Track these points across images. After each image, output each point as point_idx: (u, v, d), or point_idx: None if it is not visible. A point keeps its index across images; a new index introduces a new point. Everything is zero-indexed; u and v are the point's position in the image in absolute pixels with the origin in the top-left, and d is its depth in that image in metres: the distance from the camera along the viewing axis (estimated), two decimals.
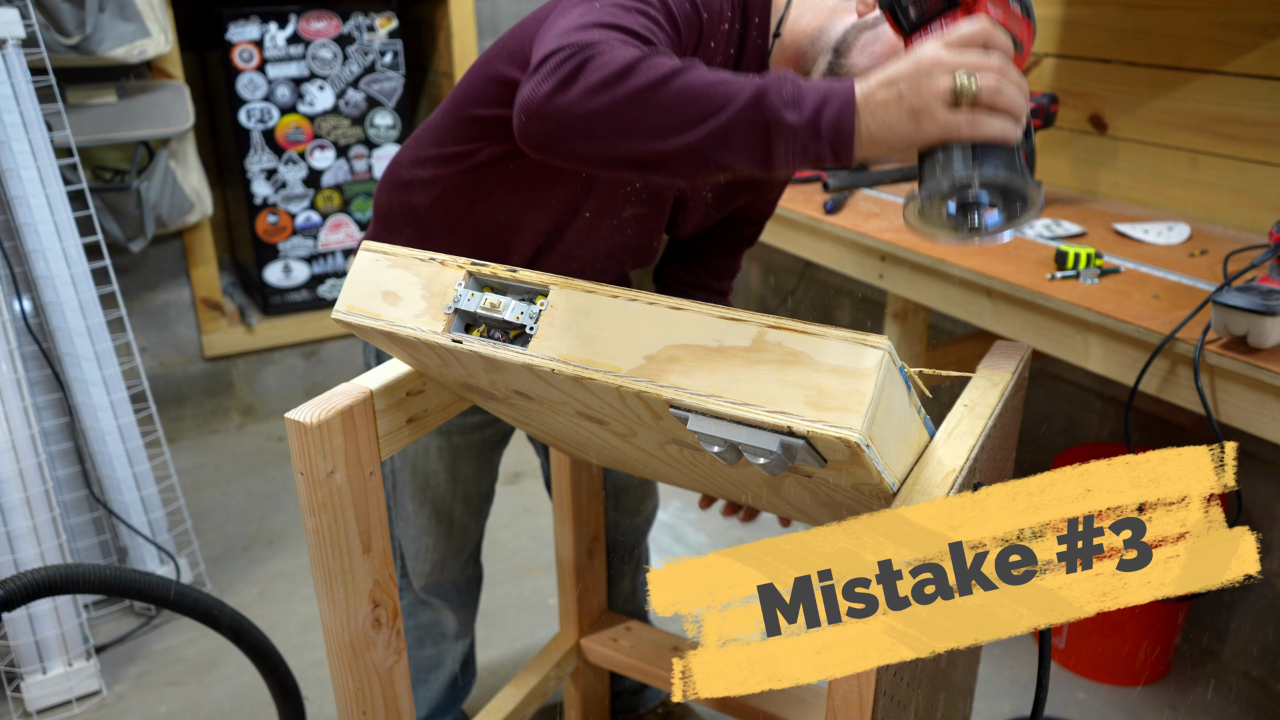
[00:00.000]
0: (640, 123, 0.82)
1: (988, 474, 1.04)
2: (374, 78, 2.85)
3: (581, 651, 1.59)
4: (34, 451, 1.79)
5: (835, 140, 0.79)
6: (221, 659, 2.02)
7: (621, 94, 0.81)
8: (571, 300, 0.84)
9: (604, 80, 0.82)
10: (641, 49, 0.85)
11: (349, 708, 1.10)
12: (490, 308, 0.86)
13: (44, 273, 1.93)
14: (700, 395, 0.76)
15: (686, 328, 0.78)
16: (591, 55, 0.83)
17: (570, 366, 0.81)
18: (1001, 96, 0.76)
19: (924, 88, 0.77)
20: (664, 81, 0.81)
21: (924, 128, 0.77)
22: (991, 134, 0.76)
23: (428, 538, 1.47)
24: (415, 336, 0.89)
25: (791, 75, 0.82)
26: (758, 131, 0.80)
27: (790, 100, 0.79)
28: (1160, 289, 1.53)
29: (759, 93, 0.80)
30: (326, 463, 0.97)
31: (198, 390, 2.92)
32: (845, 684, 0.75)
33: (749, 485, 1.09)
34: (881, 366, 0.72)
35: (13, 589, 1.29)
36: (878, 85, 0.79)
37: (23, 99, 1.86)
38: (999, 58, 0.77)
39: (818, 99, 0.79)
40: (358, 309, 0.93)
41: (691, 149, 0.81)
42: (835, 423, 0.71)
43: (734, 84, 0.81)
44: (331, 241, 2.94)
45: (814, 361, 0.73)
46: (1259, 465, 1.88)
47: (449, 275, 0.90)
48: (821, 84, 0.81)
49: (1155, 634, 1.91)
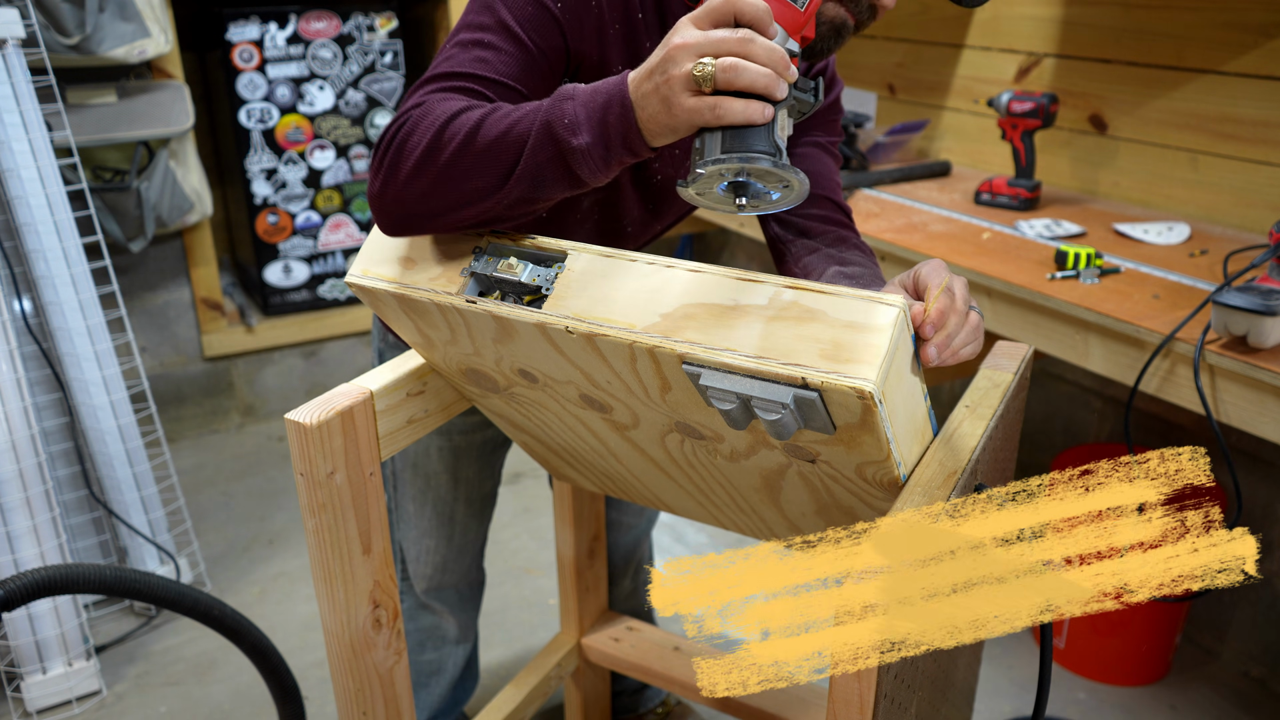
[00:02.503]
0: (464, 190, 0.85)
1: (989, 475, 1.04)
2: (374, 78, 2.85)
3: (582, 651, 1.59)
4: (34, 451, 1.79)
5: (625, 144, 0.80)
6: (221, 659, 2.02)
7: (438, 170, 0.85)
8: (589, 264, 0.84)
9: (417, 164, 0.85)
10: (450, 108, 0.86)
11: (349, 708, 1.10)
12: (507, 269, 0.86)
13: (44, 273, 1.93)
14: (714, 350, 0.76)
15: (704, 288, 0.79)
16: (405, 136, 0.87)
17: (585, 324, 0.81)
18: (740, 76, 0.74)
19: (670, 76, 0.76)
20: (466, 143, 0.83)
21: (676, 115, 0.77)
22: (732, 118, 0.74)
23: (429, 540, 1.47)
24: (429, 299, 0.89)
25: (570, 92, 0.82)
26: (557, 164, 0.82)
27: (573, 125, 0.80)
28: (1160, 289, 1.53)
29: (544, 128, 0.81)
30: (326, 463, 0.97)
31: (198, 390, 2.92)
32: (845, 685, 0.75)
33: (745, 491, 1.08)
34: (896, 324, 0.72)
35: (13, 589, 1.29)
36: (642, 77, 0.78)
37: (23, 99, 1.86)
38: (743, 33, 0.75)
39: (598, 112, 0.80)
40: (372, 273, 0.94)
41: (517, 198, 0.84)
42: (850, 373, 0.72)
43: (524, 123, 0.82)
44: (331, 241, 2.94)
45: (830, 318, 0.74)
46: (1259, 465, 1.88)
47: (467, 243, 0.91)
48: (600, 90, 0.81)
49: (1155, 634, 1.91)
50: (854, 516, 1.03)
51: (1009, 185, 1.95)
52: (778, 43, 0.78)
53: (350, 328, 3.03)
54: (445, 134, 0.85)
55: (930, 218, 1.90)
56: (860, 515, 1.01)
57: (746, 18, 0.76)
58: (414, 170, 0.86)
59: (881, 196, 2.07)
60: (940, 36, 2.37)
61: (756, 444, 0.91)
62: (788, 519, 1.12)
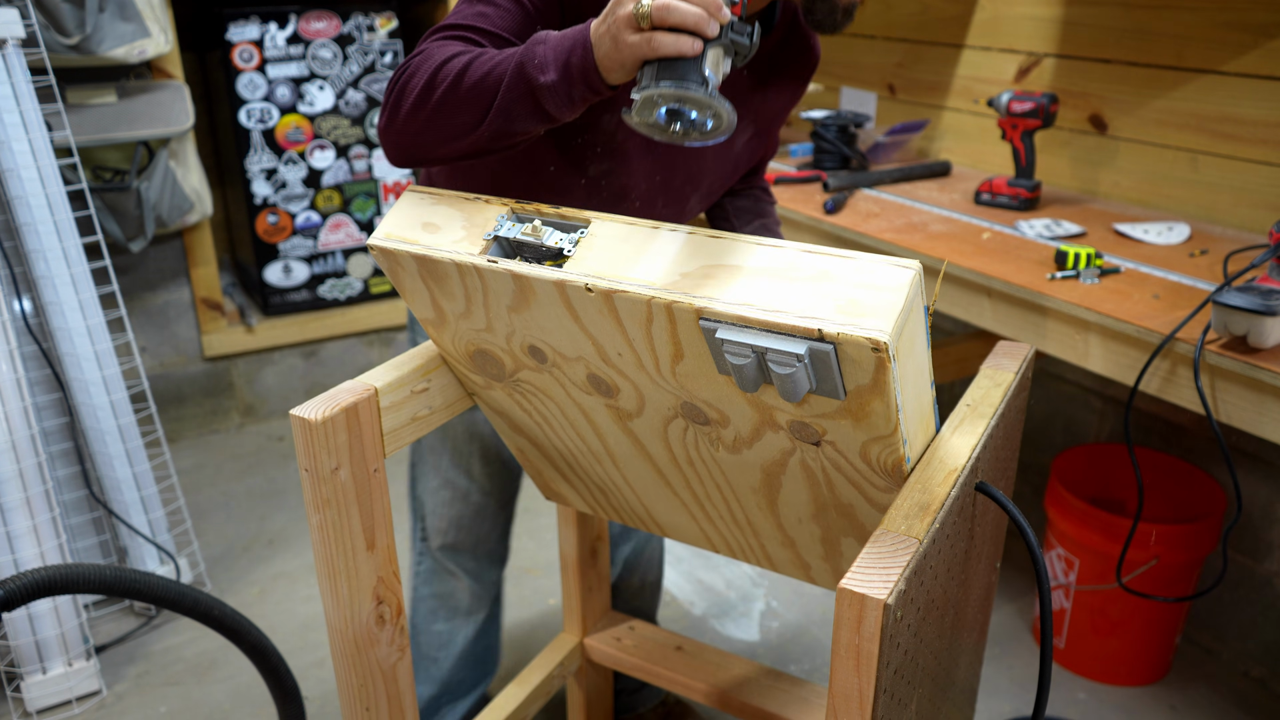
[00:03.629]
0: (452, 126, 0.99)
1: (990, 473, 1.05)
2: (374, 78, 2.85)
3: (585, 651, 1.59)
4: (34, 451, 1.79)
5: (585, 81, 0.92)
6: (221, 659, 2.02)
7: (428, 111, 0.98)
8: (612, 230, 0.87)
9: (415, 103, 0.99)
10: (445, 52, 0.99)
11: (352, 704, 1.10)
12: (531, 233, 0.89)
13: (44, 273, 1.93)
14: (731, 304, 0.78)
15: (725, 250, 0.81)
16: (407, 79, 1.00)
17: (605, 281, 0.83)
18: (671, 13, 0.83)
19: (616, 16, 0.87)
20: (455, 84, 0.96)
21: (622, 51, 0.87)
22: (664, 50, 0.84)
23: (445, 491, 1.49)
24: (450, 259, 0.91)
25: (542, 37, 0.94)
26: (528, 99, 0.94)
27: (541, 64, 0.93)
28: (1160, 289, 1.53)
29: (518, 67, 0.94)
30: (331, 459, 0.98)
31: (198, 390, 2.92)
32: (845, 680, 0.76)
33: (744, 493, 1.08)
34: (912, 284, 0.74)
35: (13, 589, 1.29)
36: (600, 20, 0.90)
37: (23, 99, 1.86)
38: None
39: (564, 52, 0.92)
40: (395, 235, 0.95)
41: (496, 130, 0.97)
42: (865, 325, 0.73)
43: (501, 65, 0.95)
44: (331, 241, 2.95)
45: (847, 278, 0.76)
46: (1259, 465, 1.89)
47: (492, 210, 0.93)
48: (567, 35, 0.93)
49: (1155, 634, 1.91)
50: (852, 517, 1.03)
51: (1009, 185, 1.95)
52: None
53: (350, 328, 3.03)
54: (438, 76, 0.97)
55: (930, 218, 1.91)
56: (859, 513, 1.01)
57: None
58: (412, 109, 0.99)
59: (881, 196, 2.07)
60: (940, 36, 2.38)
61: (762, 425, 0.91)
62: (782, 528, 1.12)
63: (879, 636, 0.72)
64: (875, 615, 0.72)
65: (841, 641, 0.75)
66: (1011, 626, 2.11)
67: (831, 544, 1.10)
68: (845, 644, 0.74)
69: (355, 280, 3.02)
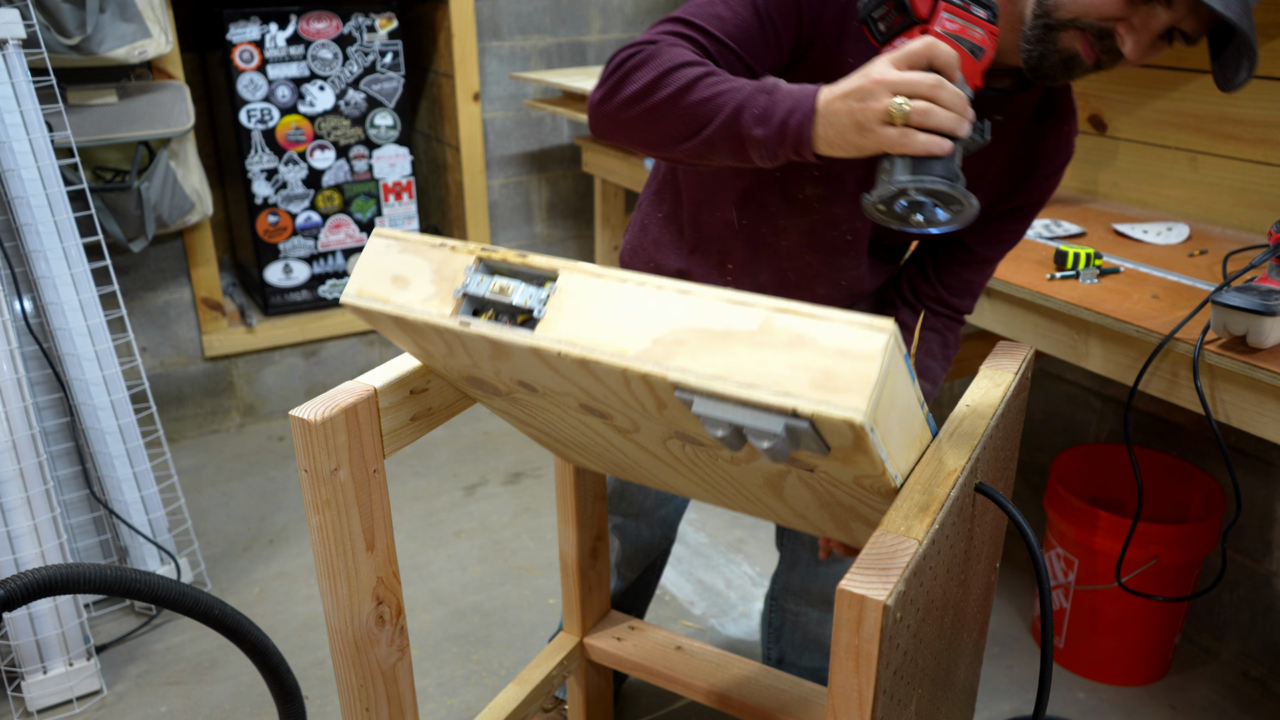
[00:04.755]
0: (658, 131, 1.02)
1: (990, 474, 1.05)
2: (374, 78, 2.86)
3: (585, 650, 1.59)
4: (34, 451, 1.80)
5: (797, 146, 0.94)
6: (221, 659, 2.02)
7: (644, 108, 1.01)
8: (580, 284, 0.84)
9: (634, 94, 1.01)
10: (678, 57, 1.00)
11: (352, 704, 1.11)
12: (499, 291, 0.87)
13: (45, 273, 1.93)
14: (706, 377, 0.76)
15: (694, 311, 0.79)
16: (634, 66, 1.01)
17: (577, 349, 0.82)
18: (930, 117, 0.87)
19: (868, 106, 0.88)
20: (677, 96, 0.98)
21: (866, 139, 0.90)
22: (917, 149, 0.87)
23: None
24: (423, 321, 0.90)
25: (772, 86, 0.95)
26: (734, 141, 0.97)
27: (760, 116, 0.94)
28: (1160, 289, 1.53)
29: (736, 109, 0.95)
30: (330, 460, 0.98)
31: (198, 390, 2.92)
32: (845, 680, 0.76)
33: (749, 487, 1.09)
34: (887, 350, 0.72)
35: (13, 589, 1.29)
36: (835, 97, 0.91)
37: (23, 99, 1.86)
38: (935, 77, 0.87)
39: (784, 112, 0.93)
40: (367, 293, 0.93)
41: (697, 153, 1.01)
42: (840, 404, 0.72)
43: (724, 98, 0.96)
44: (332, 242, 2.95)
45: (820, 345, 0.74)
46: (1258, 465, 1.89)
47: (459, 260, 0.90)
48: (792, 93, 0.94)
49: (1155, 634, 1.91)
50: (856, 514, 1.03)
51: None
52: (960, 80, 0.90)
53: (350, 328, 3.04)
54: (663, 80, 0.99)
55: None
56: (862, 513, 1.02)
57: (939, 64, 0.89)
58: (630, 99, 1.01)
59: None
60: None
61: (755, 453, 0.91)
62: (793, 510, 1.13)
63: (878, 637, 0.72)
64: (875, 616, 0.72)
65: (841, 642, 0.75)
66: (1011, 626, 2.11)
67: (842, 523, 1.11)
68: (845, 645, 0.75)
69: None
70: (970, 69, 0.94)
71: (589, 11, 3.13)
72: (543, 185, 3.28)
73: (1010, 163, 1.23)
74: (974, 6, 0.94)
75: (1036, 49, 1.03)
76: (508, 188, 3.22)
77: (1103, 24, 1.00)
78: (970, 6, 0.94)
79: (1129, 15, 0.99)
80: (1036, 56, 1.04)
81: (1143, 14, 0.99)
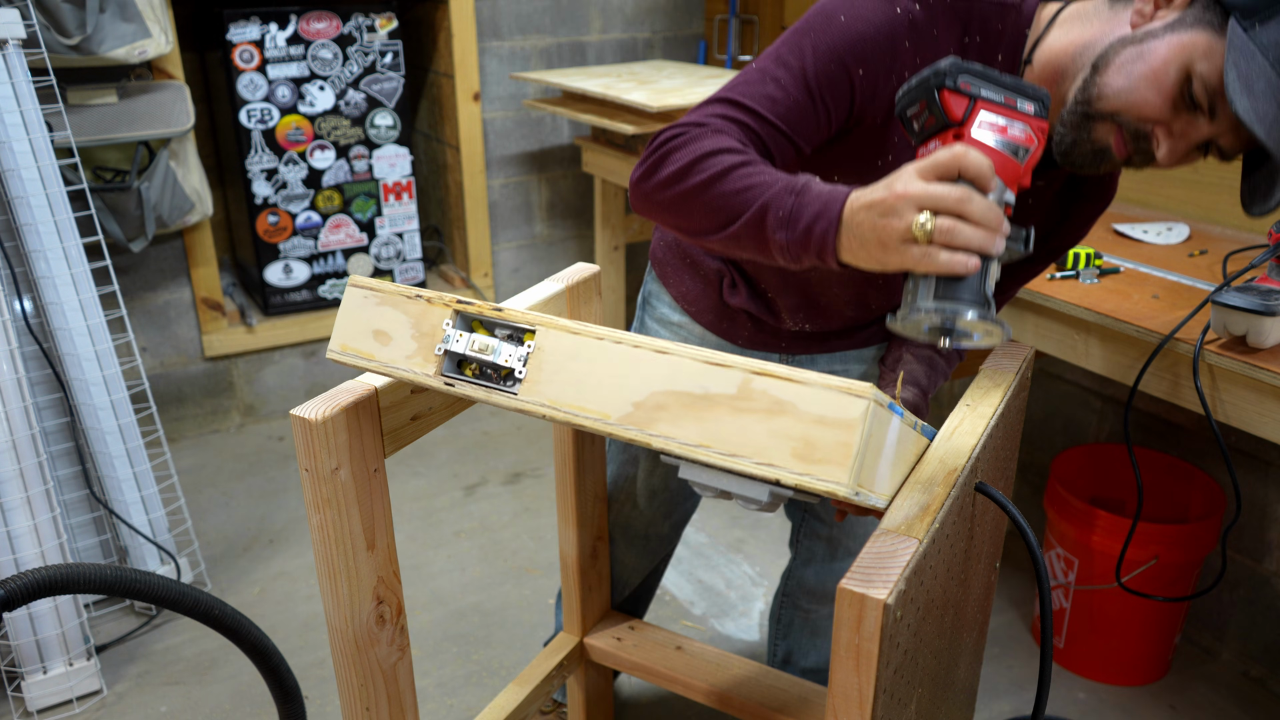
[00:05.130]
0: (690, 219, 1.01)
1: (990, 474, 1.05)
2: (374, 78, 2.86)
3: (585, 650, 1.59)
4: (34, 451, 1.80)
5: (820, 253, 0.90)
6: (221, 659, 2.02)
7: (676, 193, 0.99)
8: (558, 342, 0.84)
9: (669, 177, 1.00)
10: (717, 144, 0.98)
11: (352, 704, 1.11)
12: (480, 350, 0.87)
13: (45, 273, 1.93)
14: (689, 445, 0.77)
15: (672, 373, 0.79)
16: (674, 149, 1.00)
17: (560, 413, 0.83)
18: (955, 235, 0.80)
19: (889, 223, 0.83)
20: (708, 185, 0.97)
21: (888, 256, 0.84)
22: (941, 269, 0.81)
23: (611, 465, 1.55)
24: (409, 379, 0.91)
25: (801, 187, 0.92)
26: (758, 239, 0.95)
27: (785, 219, 0.91)
28: (1160, 289, 1.53)
29: (762, 208, 0.93)
30: (331, 459, 0.98)
31: (198, 390, 2.92)
32: (845, 679, 0.76)
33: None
34: (867, 417, 0.72)
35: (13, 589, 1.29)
36: (860, 207, 0.86)
37: (23, 99, 1.86)
38: (963, 190, 0.80)
39: (810, 217, 0.90)
40: (351, 349, 0.94)
41: (725, 244, 0.99)
42: (822, 475, 0.72)
43: (753, 193, 0.94)
44: (332, 242, 2.95)
45: (799, 411, 0.74)
46: (1258, 465, 1.89)
47: (436, 314, 0.90)
48: (820, 197, 0.90)
49: (1155, 634, 1.91)
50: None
51: None
52: (995, 195, 0.83)
53: None
54: (696, 167, 0.98)
55: None
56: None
57: (970, 174, 0.81)
58: (664, 181, 1.00)
59: None
60: None
61: None
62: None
63: (879, 636, 0.73)
64: (875, 615, 0.72)
65: (841, 641, 0.75)
66: (1011, 626, 2.11)
67: None
68: (845, 644, 0.75)
69: None
70: (1011, 172, 0.85)
71: (589, 11, 3.14)
72: (543, 185, 3.28)
73: (1045, 220, 1.21)
74: (1021, 100, 0.85)
75: (1070, 135, 0.99)
76: (508, 188, 3.22)
77: (1141, 124, 0.96)
78: (1017, 101, 0.85)
79: (1170, 120, 0.95)
80: (1069, 143, 1.00)
81: (1184, 121, 0.95)
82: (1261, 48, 0.90)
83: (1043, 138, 0.87)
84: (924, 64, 1.04)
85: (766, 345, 1.38)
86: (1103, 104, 0.97)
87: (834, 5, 1.04)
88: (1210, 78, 0.92)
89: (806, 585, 1.61)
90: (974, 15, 1.05)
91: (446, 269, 3.34)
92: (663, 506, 1.56)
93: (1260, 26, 0.90)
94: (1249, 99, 0.88)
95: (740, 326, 1.37)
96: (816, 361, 1.40)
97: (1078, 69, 1.00)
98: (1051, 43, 1.04)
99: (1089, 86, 0.98)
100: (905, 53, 1.03)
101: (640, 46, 3.26)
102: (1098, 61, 0.98)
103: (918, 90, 0.86)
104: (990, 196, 0.82)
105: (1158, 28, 0.95)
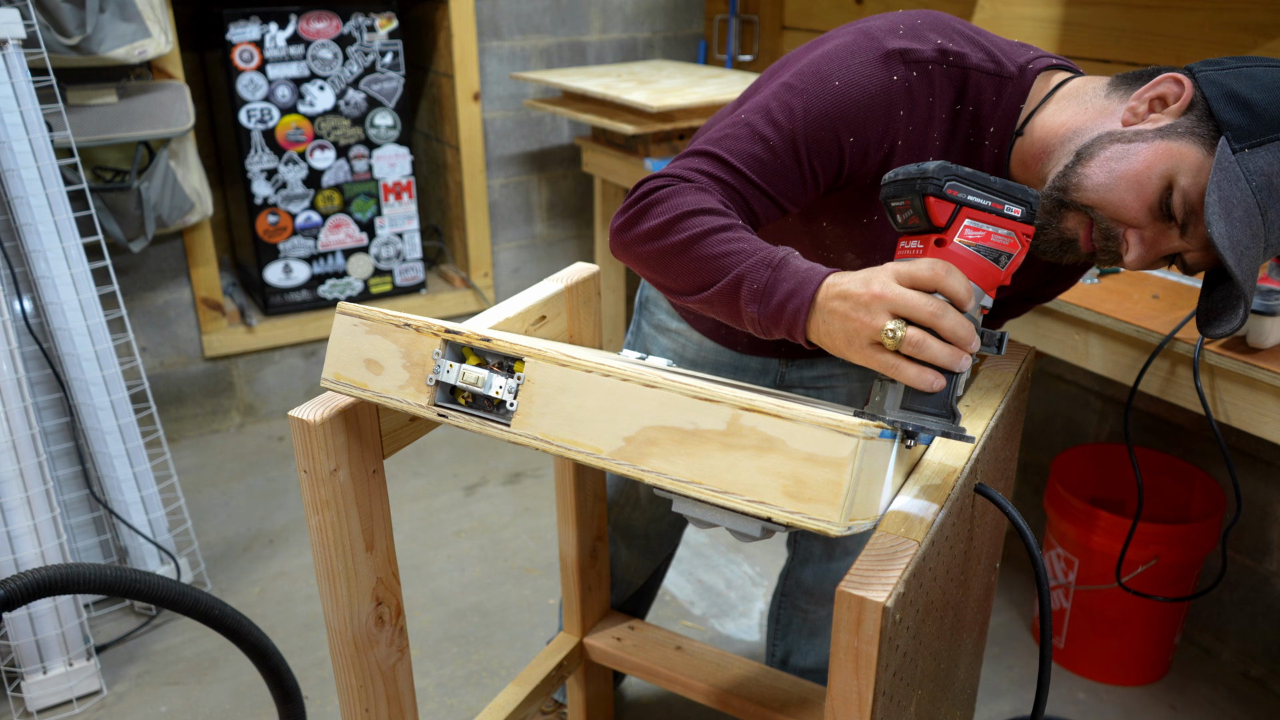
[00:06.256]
0: (666, 277, 1.00)
1: (990, 474, 1.05)
2: (374, 78, 2.86)
3: (585, 650, 1.59)
4: (34, 451, 1.79)
5: (790, 331, 0.90)
6: (221, 659, 2.02)
7: (654, 249, 0.99)
8: (548, 375, 0.84)
9: (648, 231, 0.99)
10: (698, 203, 0.97)
11: (352, 705, 1.11)
12: (470, 382, 0.88)
13: (44, 273, 1.93)
14: (681, 481, 0.77)
15: (661, 408, 0.78)
16: (656, 201, 0.99)
17: (553, 446, 0.83)
18: (925, 350, 0.79)
19: (860, 319, 0.82)
20: (685, 246, 0.96)
21: (854, 352, 0.84)
22: (907, 380, 0.80)
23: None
24: (403, 409, 0.92)
25: (779, 261, 0.91)
26: (732, 312, 0.95)
27: (759, 293, 0.91)
28: (1160, 289, 1.53)
29: (737, 278, 0.92)
30: (330, 460, 0.98)
31: (198, 390, 2.92)
32: (844, 681, 0.76)
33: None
34: (857, 454, 0.72)
35: (13, 589, 1.29)
36: (835, 295, 0.85)
37: (23, 99, 1.86)
38: (938, 305, 0.79)
39: (784, 294, 0.89)
40: (344, 378, 0.94)
41: (696, 304, 0.99)
42: (813, 514, 0.72)
43: (731, 260, 0.93)
44: (332, 242, 2.95)
45: (789, 449, 0.73)
46: (1259, 465, 1.89)
47: (426, 343, 0.90)
48: (796, 274, 0.89)
49: (1155, 634, 1.91)
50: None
51: None
52: (972, 304, 0.82)
53: None
54: (677, 226, 0.97)
55: None
56: None
57: (946, 291, 0.80)
58: (642, 236, 1.00)
59: None
60: None
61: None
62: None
63: (878, 639, 0.72)
64: (874, 618, 0.72)
65: (840, 644, 0.75)
66: (1011, 626, 2.11)
67: None
68: (844, 646, 0.75)
69: (355, 280, 3.02)
70: (991, 278, 0.83)
71: (589, 11, 3.13)
72: (543, 185, 3.28)
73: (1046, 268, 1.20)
74: (1009, 205, 0.82)
75: (1039, 219, 0.97)
76: (508, 188, 3.22)
77: (1114, 225, 0.95)
78: (1004, 205, 0.82)
79: (1144, 226, 0.94)
80: (1036, 228, 0.97)
81: (1156, 230, 0.94)
82: (1247, 173, 0.88)
83: (1027, 241, 0.84)
84: (916, 131, 1.02)
85: (766, 351, 1.38)
86: (1079, 195, 0.95)
87: (828, 67, 1.01)
88: (1191, 193, 0.90)
89: (804, 585, 1.61)
90: (969, 84, 1.02)
91: (446, 269, 3.34)
92: (664, 503, 1.56)
93: (1250, 151, 0.88)
94: (1225, 224, 0.87)
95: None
96: (816, 366, 1.39)
97: (1062, 154, 0.98)
98: (1046, 119, 1.01)
99: (1069, 174, 0.96)
100: (899, 120, 1.01)
101: (640, 46, 3.26)
102: (1082, 151, 0.96)
103: (903, 188, 0.83)
104: (968, 304, 0.81)
105: (1149, 130, 0.93)
